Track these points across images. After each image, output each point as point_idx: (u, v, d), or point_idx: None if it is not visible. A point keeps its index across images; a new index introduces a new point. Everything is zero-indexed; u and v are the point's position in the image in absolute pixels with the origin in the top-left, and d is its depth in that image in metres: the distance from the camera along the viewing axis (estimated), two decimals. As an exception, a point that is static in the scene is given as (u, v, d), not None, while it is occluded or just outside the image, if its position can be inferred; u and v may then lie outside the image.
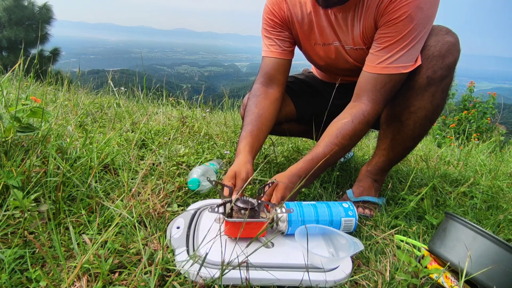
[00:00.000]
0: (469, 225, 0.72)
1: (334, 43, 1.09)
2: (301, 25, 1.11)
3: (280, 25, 1.13)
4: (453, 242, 0.73)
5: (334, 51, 1.11)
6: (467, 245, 0.70)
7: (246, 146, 1.03)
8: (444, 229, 0.78)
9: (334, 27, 1.05)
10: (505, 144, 3.11)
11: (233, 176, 0.94)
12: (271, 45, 1.15)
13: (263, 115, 1.11)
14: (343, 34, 1.05)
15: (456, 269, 0.70)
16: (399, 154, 1.12)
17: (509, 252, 0.66)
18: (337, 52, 1.11)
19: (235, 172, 0.95)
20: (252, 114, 1.10)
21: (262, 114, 1.11)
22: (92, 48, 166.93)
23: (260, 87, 1.16)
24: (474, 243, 0.70)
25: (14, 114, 0.92)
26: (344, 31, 1.04)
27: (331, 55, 1.13)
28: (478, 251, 0.69)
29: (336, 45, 1.09)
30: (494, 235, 0.68)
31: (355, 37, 1.03)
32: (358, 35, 1.01)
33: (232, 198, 0.87)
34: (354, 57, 1.09)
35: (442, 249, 0.75)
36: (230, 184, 0.92)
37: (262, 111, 1.11)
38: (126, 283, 0.66)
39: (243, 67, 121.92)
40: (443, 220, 0.81)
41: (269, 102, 1.14)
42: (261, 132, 1.09)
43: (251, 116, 1.10)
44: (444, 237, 0.76)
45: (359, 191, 1.13)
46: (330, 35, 1.08)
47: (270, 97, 1.15)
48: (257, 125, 1.09)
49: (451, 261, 0.71)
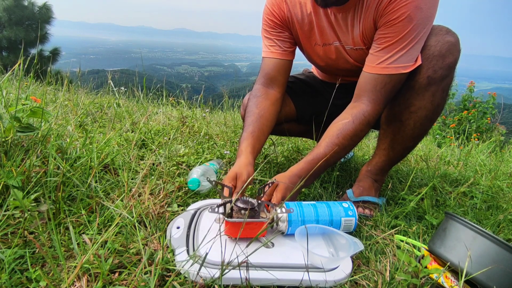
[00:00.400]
0: (469, 225, 0.72)
1: (334, 43, 1.09)
2: (301, 26, 1.11)
3: (280, 26, 1.13)
4: (453, 242, 0.73)
5: (334, 51, 1.11)
6: (467, 245, 0.70)
7: (248, 147, 1.03)
8: (444, 229, 0.78)
9: (334, 27, 1.05)
10: (505, 144, 3.11)
11: (234, 177, 0.94)
12: (271, 46, 1.15)
13: (264, 116, 1.11)
14: (343, 34, 1.05)
15: (456, 269, 0.70)
16: (399, 154, 1.12)
17: (509, 252, 0.66)
18: (337, 52, 1.11)
19: (236, 173, 0.94)
20: (253, 115, 1.10)
21: (262, 114, 1.11)
22: (92, 48, 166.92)
23: (260, 87, 1.16)
24: (474, 243, 0.70)
25: (14, 114, 0.92)
26: (344, 31, 1.04)
27: (331, 55, 1.13)
28: (478, 251, 0.69)
29: (336, 45, 1.09)
30: (494, 235, 0.68)
31: (355, 37, 1.03)
32: (358, 36, 1.01)
33: (232, 199, 0.87)
34: (354, 57, 1.09)
35: (442, 249, 0.75)
36: (230, 186, 0.92)
37: (262, 112, 1.11)
38: (126, 283, 0.66)
39: (243, 67, 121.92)
40: (443, 220, 0.81)
41: (270, 103, 1.14)
42: (262, 133, 1.09)
43: (252, 117, 1.10)
44: (444, 237, 0.76)
45: (359, 191, 1.13)
46: (330, 35, 1.08)
47: (270, 98, 1.15)
48: (258, 126, 1.09)
49: (451, 261, 0.71)
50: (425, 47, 0.94)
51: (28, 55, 7.44)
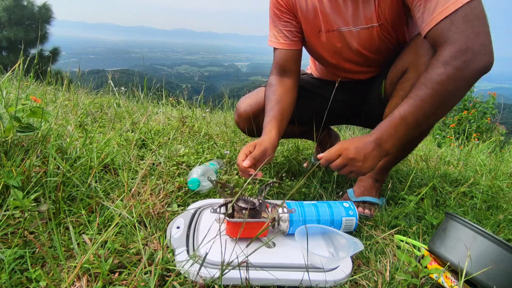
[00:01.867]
0: (469, 225, 0.72)
1: (339, 29, 1.07)
2: (305, 15, 1.10)
3: (287, 13, 1.13)
4: (453, 241, 0.73)
5: (338, 37, 1.09)
6: (467, 245, 0.70)
7: (272, 129, 1.07)
8: (444, 229, 0.78)
9: (341, 10, 1.03)
10: (505, 144, 3.11)
11: (254, 145, 0.99)
12: (280, 36, 1.17)
13: (282, 101, 1.15)
14: (353, 15, 1.02)
15: (456, 269, 0.70)
16: (400, 153, 1.12)
17: (509, 252, 0.66)
18: (341, 39, 1.09)
19: (256, 143, 1.00)
20: (272, 102, 1.14)
21: (280, 100, 1.15)
22: (92, 48, 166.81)
23: (275, 77, 1.20)
24: (474, 243, 0.70)
25: (14, 114, 0.92)
26: (354, 10, 1.01)
27: (335, 42, 1.11)
28: (478, 251, 0.69)
29: (340, 31, 1.07)
30: (494, 235, 0.68)
31: (369, 13, 0.99)
32: (373, 11, 0.98)
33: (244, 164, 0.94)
34: (361, 40, 1.06)
35: (442, 249, 0.75)
36: (248, 151, 0.97)
37: (279, 98, 1.15)
38: (126, 283, 0.66)
39: (243, 67, 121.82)
40: (443, 220, 0.81)
41: (285, 89, 1.18)
42: (282, 117, 1.13)
43: (271, 104, 1.14)
44: (444, 237, 0.76)
45: (360, 191, 1.13)
46: (334, 21, 1.06)
47: (285, 85, 1.19)
48: (279, 110, 1.12)
49: (451, 261, 0.71)
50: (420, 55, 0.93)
51: (28, 55, 7.43)
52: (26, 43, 10.72)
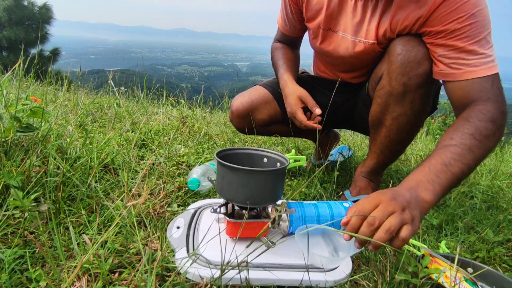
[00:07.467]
0: (225, 165, 0.76)
1: (339, 32, 1.06)
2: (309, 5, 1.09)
3: (292, 5, 1.15)
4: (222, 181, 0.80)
5: (335, 39, 1.08)
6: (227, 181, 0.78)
7: (290, 76, 1.19)
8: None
9: (348, 16, 1.01)
10: (505, 144, 3.10)
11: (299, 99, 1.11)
12: (282, 20, 1.25)
13: (291, 58, 1.28)
14: (357, 24, 1.00)
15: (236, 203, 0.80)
16: (389, 157, 1.12)
17: (232, 170, 0.75)
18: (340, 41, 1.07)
19: (297, 96, 1.11)
20: (281, 59, 1.26)
21: (288, 57, 1.27)
22: (92, 48, 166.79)
23: (278, 43, 1.33)
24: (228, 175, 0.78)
25: (14, 114, 0.92)
26: (359, 20, 0.99)
27: (331, 42, 1.10)
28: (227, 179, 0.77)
29: (341, 35, 1.06)
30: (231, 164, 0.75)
31: (370, 29, 0.98)
32: (374, 29, 0.97)
33: (317, 112, 1.09)
34: (357, 50, 1.05)
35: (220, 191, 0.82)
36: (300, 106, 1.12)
37: (287, 55, 1.28)
38: (126, 283, 0.66)
39: (243, 67, 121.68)
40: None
41: (290, 50, 1.31)
42: (292, 69, 1.24)
43: (281, 60, 1.26)
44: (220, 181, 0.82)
45: (356, 191, 1.14)
46: (337, 22, 1.05)
47: (289, 48, 1.32)
48: (289, 63, 1.25)
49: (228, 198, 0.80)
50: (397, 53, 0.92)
51: (28, 55, 7.44)
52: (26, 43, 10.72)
